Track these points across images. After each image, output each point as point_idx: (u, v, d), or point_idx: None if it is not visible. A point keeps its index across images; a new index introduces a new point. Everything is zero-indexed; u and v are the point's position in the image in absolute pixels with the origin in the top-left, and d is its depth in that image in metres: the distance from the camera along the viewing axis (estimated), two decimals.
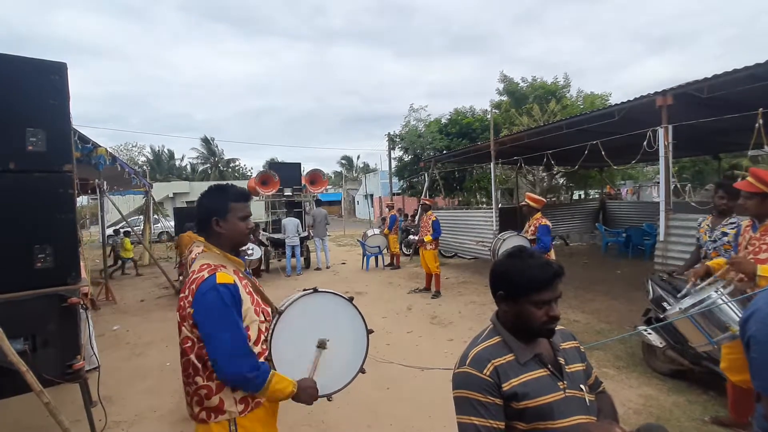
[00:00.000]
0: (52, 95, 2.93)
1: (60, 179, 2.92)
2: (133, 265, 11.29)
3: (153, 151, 44.15)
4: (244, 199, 1.58)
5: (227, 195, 1.55)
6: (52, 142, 2.89)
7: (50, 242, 2.87)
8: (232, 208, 1.53)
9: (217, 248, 1.52)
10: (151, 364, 4.49)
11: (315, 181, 10.52)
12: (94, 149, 6.81)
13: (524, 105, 19.48)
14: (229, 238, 1.54)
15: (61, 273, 2.89)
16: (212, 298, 1.35)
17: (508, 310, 1.21)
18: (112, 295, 7.59)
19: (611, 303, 5.92)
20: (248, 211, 1.59)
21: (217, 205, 1.53)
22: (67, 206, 2.97)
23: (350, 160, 53.34)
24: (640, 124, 4.97)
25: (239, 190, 1.59)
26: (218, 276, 1.39)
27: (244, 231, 1.58)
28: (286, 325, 1.65)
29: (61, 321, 2.92)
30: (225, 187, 1.59)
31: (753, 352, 1.12)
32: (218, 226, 1.52)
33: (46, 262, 2.87)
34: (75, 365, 2.96)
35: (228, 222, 1.53)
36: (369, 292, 7.58)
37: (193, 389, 1.43)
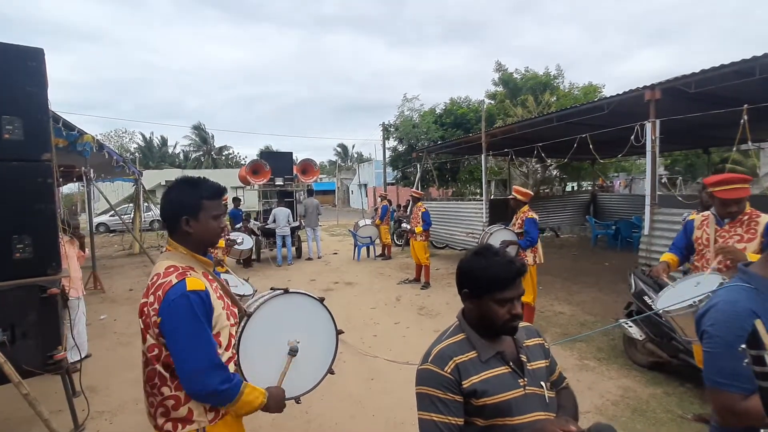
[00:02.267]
0: (29, 82, 2.87)
1: (38, 168, 2.88)
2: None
3: (144, 139, 43.58)
4: (218, 195, 1.45)
5: (200, 191, 1.40)
6: (29, 131, 2.84)
7: (29, 233, 2.83)
8: (205, 206, 1.40)
9: (184, 248, 1.40)
10: (138, 354, 4.42)
11: (307, 170, 10.46)
12: (80, 136, 6.69)
13: (519, 96, 19.44)
14: (199, 239, 1.41)
15: (41, 263, 2.87)
16: (182, 307, 1.25)
17: (472, 308, 1.22)
18: (100, 284, 7.55)
19: (597, 295, 5.99)
20: (222, 209, 1.47)
21: (187, 203, 1.39)
22: (46, 196, 2.93)
23: (345, 148, 53.09)
24: (629, 117, 4.97)
25: (213, 185, 1.45)
26: (188, 282, 1.28)
27: (217, 231, 1.45)
28: (255, 329, 1.60)
29: (42, 312, 2.91)
30: (197, 182, 1.44)
31: (705, 346, 1.16)
32: (188, 225, 1.38)
33: (25, 252, 2.84)
34: (56, 356, 2.96)
35: (199, 222, 1.39)
36: (359, 283, 7.61)
37: (158, 400, 1.32)
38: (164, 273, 1.33)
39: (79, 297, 4.07)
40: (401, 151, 23.26)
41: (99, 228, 18.98)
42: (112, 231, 18.42)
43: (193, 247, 1.42)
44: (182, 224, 1.39)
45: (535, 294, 4.42)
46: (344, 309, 5.85)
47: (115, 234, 17.13)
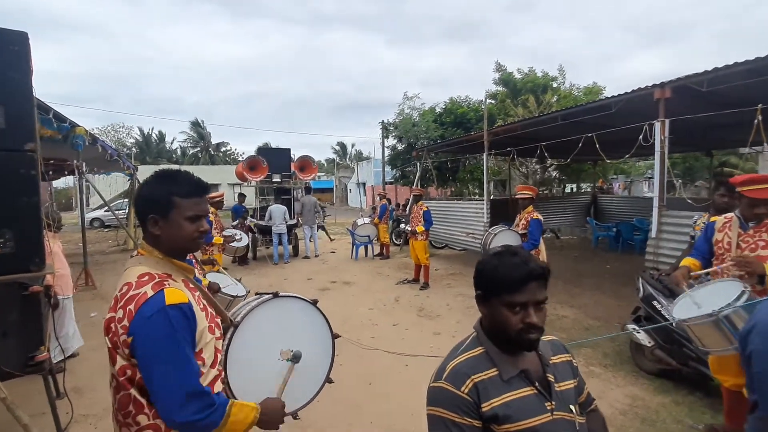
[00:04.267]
0: (11, 67, 2.71)
1: (21, 159, 2.72)
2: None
3: (142, 133, 43.27)
4: (196, 193, 1.22)
5: (171, 187, 1.19)
6: (12, 119, 2.68)
7: (11, 227, 2.68)
8: (177, 205, 1.18)
9: (159, 251, 1.20)
10: None
11: (305, 167, 10.30)
12: (72, 128, 6.51)
13: (520, 96, 19.33)
14: (169, 243, 1.20)
15: (23, 259, 2.71)
16: (160, 325, 1.05)
17: (486, 313, 1.09)
18: (92, 280, 7.38)
19: (599, 298, 5.87)
20: (201, 209, 1.23)
21: (156, 200, 1.19)
22: (29, 189, 2.77)
23: (344, 147, 52.88)
24: (637, 117, 4.85)
25: (189, 180, 1.23)
26: (167, 294, 1.09)
27: (191, 235, 1.21)
28: (243, 340, 1.44)
29: (23, 310, 2.75)
30: (170, 176, 1.23)
31: (756, 367, 1.07)
32: (156, 226, 1.18)
33: (6, 247, 2.68)
34: (38, 357, 2.81)
35: (169, 223, 1.18)
36: (357, 282, 7.47)
37: (134, 430, 1.13)
38: (137, 283, 1.12)
39: (68, 296, 3.90)
40: (401, 149, 23.12)
41: (93, 223, 18.74)
42: (107, 226, 18.18)
43: (167, 252, 1.21)
44: (150, 224, 1.19)
45: None
46: (341, 309, 5.70)
47: (110, 229, 16.90)
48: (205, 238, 1.32)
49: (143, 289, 1.10)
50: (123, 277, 1.20)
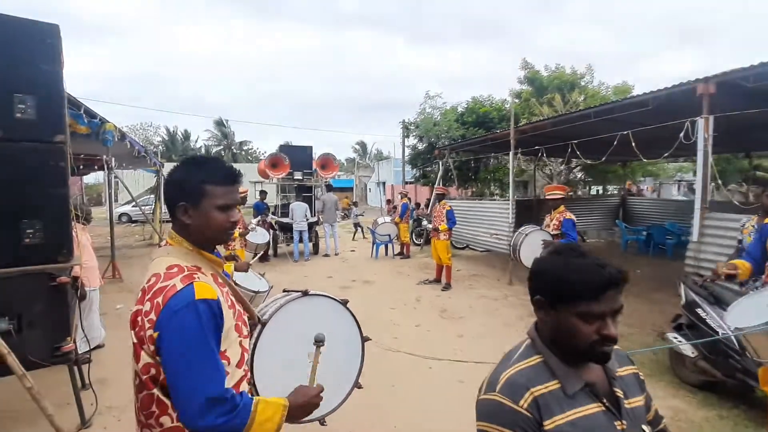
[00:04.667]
0: (43, 59, 2.73)
1: (51, 150, 2.74)
2: None
3: (168, 132, 44.36)
4: (228, 180, 1.15)
5: (202, 173, 1.13)
6: (43, 111, 2.70)
7: (40, 218, 2.69)
8: (209, 192, 1.11)
9: (189, 242, 1.14)
10: None
11: (326, 165, 10.28)
12: (102, 124, 6.65)
13: (545, 95, 18.87)
14: (199, 233, 1.13)
15: (51, 250, 2.73)
16: (188, 321, 0.99)
17: (548, 321, 0.96)
18: (119, 273, 7.54)
19: (632, 304, 5.59)
20: (233, 198, 1.16)
21: (187, 186, 1.12)
22: (58, 180, 2.79)
23: (364, 146, 52.97)
24: (676, 114, 4.58)
25: (222, 167, 1.17)
26: (197, 287, 1.02)
27: (223, 225, 1.14)
28: (271, 339, 1.37)
29: (50, 301, 2.77)
30: (203, 162, 1.17)
31: None
32: (186, 214, 1.12)
33: (35, 238, 2.70)
34: (63, 347, 2.82)
35: (200, 211, 1.11)
36: (377, 282, 7.38)
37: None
38: (166, 274, 1.06)
39: (94, 288, 3.95)
40: (421, 149, 22.95)
41: (121, 218, 19.30)
42: (134, 221, 18.68)
43: (196, 242, 1.15)
44: (179, 212, 1.13)
45: None
46: (362, 309, 5.60)
47: (137, 224, 17.35)
48: (232, 229, 1.23)
49: (172, 281, 1.04)
50: (151, 268, 1.13)
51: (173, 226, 1.18)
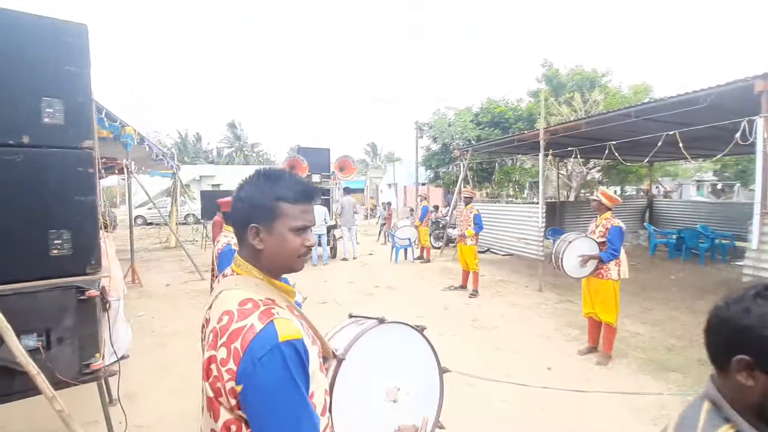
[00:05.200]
0: (70, 61, 2.58)
1: (79, 156, 2.59)
2: None
3: (180, 135, 44.76)
4: (304, 198, 1.00)
5: (275, 189, 0.98)
6: (70, 115, 2.56)
7: (68, 227, 2.55)
8: (283, 212, 0.97)
9: (259, 270, 0.99)
10: (177, 358, 4.22)
11: (344, 167, 10.13)
12: (122, 128, 6.58)
13: (563, 94, 18.48)
14: (271, 260, 0.99)
15: (80, 262, 2.58)
16: (275, 369, 0.84)
17: (754, 387, 0.74)
18: (138, 278, 7.46)
19: (673, 314, 5.32)
20: (309, 219, 1.02)
21: (259, 205, 0.98)
22: (86, 187, 2.64)
23: (375, 147, 52.81)
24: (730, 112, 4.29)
25: (297, 182, 1.01)
26: (279, 327, 0.87)
27: (297, 251, 1.00)
28: (347, 377, 1.18)
29: (79, 315, 2.62)
30: (274, 177, 1.01)
31: None
32: (257, 238, 0.97)
33: (63, 249, 2.56)
34: (93, 365, 2.68)
35: (273, 234, 0.97)
36: (400, 287, 7.18)
37: None
38: (239, 312, 0.90)
39: (119, 298, 3.82)
40: (435, 150, 22.70)
41: (137, 220, 19.40)
42: (149, 223, 18.77)
43: (267, 270, 1.00)
44: (249, 236, 0.98)
45: (617, 313, 3.84)
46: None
47: (152, 227, 17.43)
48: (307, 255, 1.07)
49: (249, 320, 0.88)
50: (219, 304, 0.97)
51: (241, 252, 1.04)
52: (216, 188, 28.66)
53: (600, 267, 3.80)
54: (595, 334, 4.05)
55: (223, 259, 2.62)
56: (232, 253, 2.55)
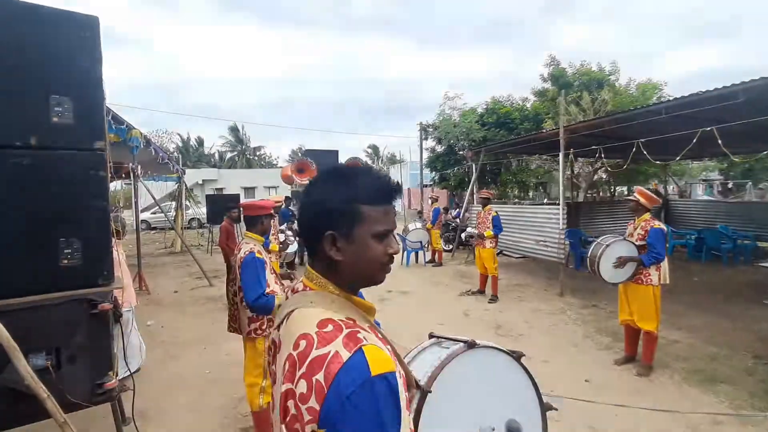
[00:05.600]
0: (81, 56, 2.39)
1: (90, 158, 2.39)
2: None
3: (182, 139, 44.70)
4: (387, 198, 0.86)
5: (353, 189, 0.83)
6: (81, 114, 2.36)
7: (78, 235, 2.34)
8: (364, 216, 0.82)
9: (335, 285, 0.84)
10: (190, 371, 4.01)
11: None
12: (129, 131, 6.40)
13: (569, 93, 18.27)
14: (351, 272, 0.84)
15: (91, 272, 2.38)
16: (368, 410, 0.68)
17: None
18: (145, 285, 7.26)
19: (709, 319, 5.08)
20: (392, 221, 0.87)
21: (336, 208, 0.82)
22: (98, 191, 2.44)
23: (377, 149, 52.67)
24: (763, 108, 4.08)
25: (378, 180, 0.86)
26: (369, 356, 0.71)
27: (380, 260, 0.85)
28: (433, 411, 1.00)
29: (91, 331, 2.41)
30: (351, 175, 0.86)
31: None
32: (334, 247, 0.82)
33: (74, 258, 2.35)
34: (107, 384, 2.48)
35: (353, 242, 0.82)
36: (415, 292, 6.96)
37: None
38: (320, 336, 0.74)
39: (130, 308, 3.62)
40: (440, 151, 22.52)
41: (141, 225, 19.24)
42: (153, 228, 18.59)
43: (345, 284, 0.85)
44: (325, 245, 0.83)
45: (658, 321, 3.62)
46: (408, 324, 5.21)
47: (156, 231, 17.25)
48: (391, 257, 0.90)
49: (332, 346, 0.72)
50: (293, 325, 0.81)
51: (313, 264, 0.89)
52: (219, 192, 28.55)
53: (640, 271, 3.58)
54: (632, 343, 3.82)
55: (246, 268, 2.42)
56: (256, 262, 2.36)
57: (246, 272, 2.39)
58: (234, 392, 3.53)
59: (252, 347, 2.55)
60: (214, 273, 8.41)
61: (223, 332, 5.20)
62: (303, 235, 0.88)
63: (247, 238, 2.65)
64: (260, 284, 2.37)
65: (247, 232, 2.69)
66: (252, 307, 2.36)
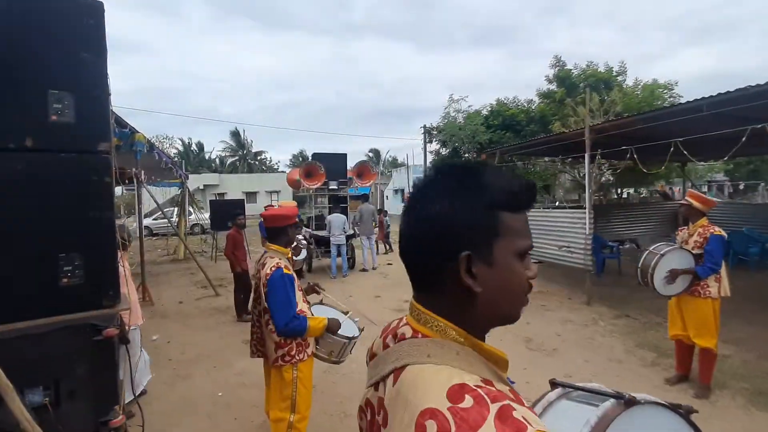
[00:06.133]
0: (85, 46, 2.09)
1: (94, 162, 2.08)
2: None
3: (183, 144, 44.45)
4: (527, 202, 0.64)
5: (491, 193, 0.60)
6: (83, 111, 2.04)
7: (80, 250, 2.03)
8: (508, 229, 0.60)
9: (459, 328, 0.61)
10: (200, 392, 3.69)
11: (363, 173, 9.62)
12: (132, 134, 6.11)
13: (575, 94, 18.02)
14: (492, 308, 0.61)
15: (95, 292, 2.05)
16: None
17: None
18: (149, 295, 6.94)
19: (752, 330, 4.75)
20: (529, 237, 0.64)
21: (472, 219, 0.59)
22: (103, 201, 2.12)
23: (378, 153, 52.44)
24: None
25: (514, 179, 0.64)
26: None
27: (525, 288, 0.63)
28: None
29: (94, 360, 2.09)
30: (481, 173, 0.63)
31: None
32: (469, 274, 0.58)
33: (75, 277, 2.03)
34: (112, 422, 2.16)
35: (497, 265, 0.60)
36: None
37: None
38: (458, 417, 0.49)
39: (136, 326, 3.30)
40: (445, 154, 22.27)
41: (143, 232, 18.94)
42: (155, 234, 18.28)
43: (477, 327, 0.62)
44: (461, 272, 0.58)
45: (717, 337, 3.29)
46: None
47: (158, 238, 16.93)
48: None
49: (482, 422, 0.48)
50: (406, 390, 0.57)
51: (425, 300, 0.64)
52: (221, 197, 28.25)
53: (696, 283, 3.26)
54: (685, 361, 3.50)
55: (274, 287, 2.11)
56: (285, 280, 2.02)
57: (274, 292, 2.08)
58: (251, 418, 3.22)
59: (278, 376, 2.23)
60: (219, 281, 8.10)
61: (233, 348, 4.92)
62: (413, 260, 0.64)
63: (272, 252, 2.33)
64: (291, 305, 2.06)
65: (270, 245, 2.38)
66: (282, 332, 2.05)
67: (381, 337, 0.73)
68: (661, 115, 4.88)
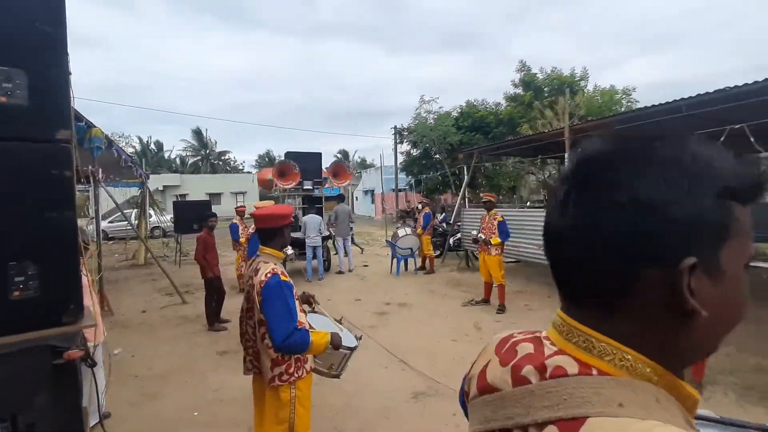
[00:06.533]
0: (40, 16, 1.77)
1: (51, 153, 1.76)
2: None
3: (141, 143, 42.19)
4: (759, 192, 0.44)
5: (722, 177, 0.42)
6: (39, 92, 1.73)
7: (35, 257, 1.72)
8: (739, 228, 0.42)
9: (654, 362, 0.43)
10: (173, 412, 3.34)
11: (338, 173, 9.35)
12: (88, 129, 5.58)
13: (541, 98, 18.53)
14: (711, 336, 0.44)
15: (54, 307, 1.74)
16: None
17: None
18: (108, 305, 6.36)
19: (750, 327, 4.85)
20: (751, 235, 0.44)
21: (694, 210, 0.40)
22: (63, 199, 1.80)
23: (346, 154, 52.01)
24: None
25: (744, 160, 0.44)
26: None
27: (745, 305, 0.45)
28: None
29: (56, 387, 1.78)
30: (702, 150, 0.43)
31: None
32: (690, 290, 0.39)
33: (28, 289, 1.71)
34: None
35: (726, 276, 0.41)
36: (414, 304, 6.49)
37: None
38: None
39: (98, 344, 2.91)
40: (416, 155, 22.31)
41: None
42: (111, 239, 17.10)
43: (679, 360, 0.45)
44: (680, 284, 0.39)
45: None
46: (419, 342, 4.75)
47: (115, 242, 15.84)
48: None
49: None
50: None
51: (604, 324, 0.45)
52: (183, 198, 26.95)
53: None
54: None
55: (270, 296, 1.86)
56: (282, 288, 1.77)
57: (271, 302, 1.84)
58: None
59: (274, 396, 1.98)
60: (186, 288, 7.60)
61: (207, 360, 4.55)
62: (584, 265, 0.45)
63: (265, 256, 2.08)
64: (291, 316, 1.83)
65: (264, 248, 2.12)
66: (280, 347, 1.81)
67: (503, 363, 0.52)
68: (640, 115, 4.99)
